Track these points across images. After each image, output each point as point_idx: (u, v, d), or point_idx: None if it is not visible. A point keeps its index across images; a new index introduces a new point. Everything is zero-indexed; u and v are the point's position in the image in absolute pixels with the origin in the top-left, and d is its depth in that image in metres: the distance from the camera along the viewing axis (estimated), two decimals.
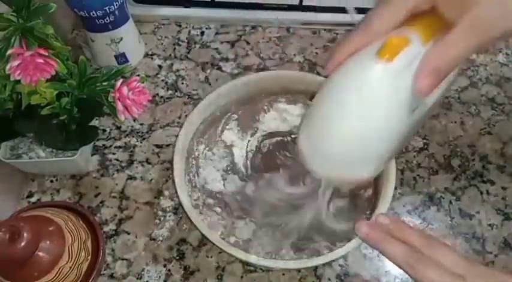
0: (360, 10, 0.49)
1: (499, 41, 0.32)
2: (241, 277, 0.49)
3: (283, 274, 0.49)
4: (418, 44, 0.32)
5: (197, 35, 0.66)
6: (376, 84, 0.32)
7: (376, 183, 0.47)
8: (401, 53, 0.31)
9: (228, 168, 0.49)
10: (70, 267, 0.44)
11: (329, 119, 0.33)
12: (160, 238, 0.51)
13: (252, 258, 0.42)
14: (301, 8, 0.65)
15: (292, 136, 0.50)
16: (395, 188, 0.44)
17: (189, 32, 0.66)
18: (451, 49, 0.31)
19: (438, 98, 0.35)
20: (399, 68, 0.31)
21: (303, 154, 0.35)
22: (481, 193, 0.54)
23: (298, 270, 0.49)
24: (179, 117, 0.59)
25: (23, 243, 0.40)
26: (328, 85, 0.34)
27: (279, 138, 0.51)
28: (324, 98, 0.34)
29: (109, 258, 0.50)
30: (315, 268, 0.49)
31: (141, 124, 0.58)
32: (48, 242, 0.43)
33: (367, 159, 0.34)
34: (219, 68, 0.63)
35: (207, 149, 0.50)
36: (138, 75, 0.61)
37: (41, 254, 0.42)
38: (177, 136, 0.47)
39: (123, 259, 0.50)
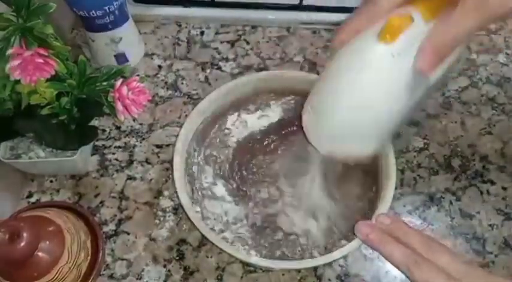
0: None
1: (503, 19, 0.32)
2: (241, 277, 0.49)
3: (283, 274, 0.49)
4: (420, 24, 0.32)
5: (197, 34, 0.66)
6: (377, 65, 0.32)
7: (377, 183, 0.47)
8: (403, 34, 0.31)
9: (228, 168, 0.49)
10: (69, 268, 0.44)
11: (332, 97, 0.34)
12: (160, 238, 0.51)
13: (252, 259, 0.42)
14: (301, 8, 0.65)
15: (289, 129, 0.50)
16: (396, 188, 0.44)
17: (189, 31, 0.66)
18: (453, 28, 0.31)
19: (441, 76, 0.35)
20: (401, 48, 0.31)
21: (307, 129, 0.36)
22: (482, 193, 0.54)
23: (298, 271, 0.49)
24: (179, 117, 0.59)
25: (22, 244, 0.40)
26: (333, 64, 0.34)
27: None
28: (328, 76, 0.35)
29: (109, 259, 0.50)
30: (315, 268, 0.49)
31: (141, 124, 0.58)
32: (47, 242, 0.43)
33: (368, 137, 0.34)
34: (219, 68, 0.63)
35: (207, 149, 0.50)
36: (138, 75, 0.61)
37: (40, 254, 0.42)
38: (177, 136, 0.47)
39: (122, 259, 0.50)
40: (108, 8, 0.53)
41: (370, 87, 0.32)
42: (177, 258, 0.50)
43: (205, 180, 0.49)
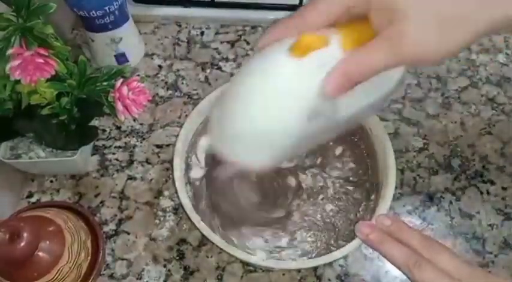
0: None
1: (431, 65, 0.32)
2: (241, 277, 0.49)
3: (283, 274, 0.49)
4: (335, 49, 0.31)
5: (197, 35, 0.66)
6: (282, 78, 0.31)
7: (377, 183, 0.47)
8: (314, 53, 0.30)
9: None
10: (70, 268, 0.44)
11: (235, 103, 0.33)
12: (160, 238, 0.51)
13: (252, 259, 0.42)
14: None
15: None
16: (396, 188, 0.44)
17: (189, 32, 0.66)
18: (367, 57, 0.30)
19: (362, 109, 0.34)
20: (309, 67, 0.30)
21: (211, 133, 0.35)
22: (481, 193, 0.54)
23: (298, 271, 0.49)
24: (179, 117, 0.59)
25: (22, 244, 0.40)
26: (243, 69, 0.34)
27: None
28: (235, 81, 0.34)
29: (109, 259, 0.50)
30: (315, 268, 0.49)
31: (141, 124, 0.58)
32: (48, 242, 0.43)
33: (262, 149, 0.33)
34: (219, 68, 0.63)
35: (207, 149, 0.50)
36: (138, 75, 0.61)
37: (40, 254, 0.42)
38: (177, 136, 0.47)
39: (123, 259, 0.50)
40: (108, 8, 0.53)
41: (272, 97, 0.31)
42: (177, 258, 0.50)
43: (206, 180, 0.49)
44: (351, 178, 0.49)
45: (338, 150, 0.50)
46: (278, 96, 0.31)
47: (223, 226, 0.46)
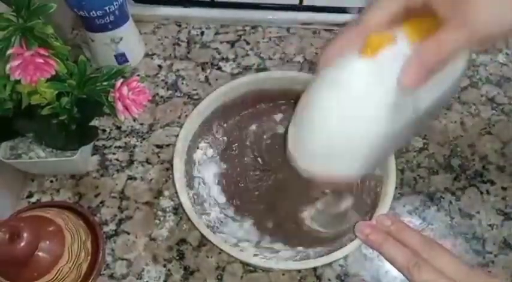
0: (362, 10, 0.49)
1: (493, 41, 0.32)
2: (241, 277, 0.49)
3: (283, 274, 0.49)
4: (404, 44, 0.32)
5: (197, 35, 0.66)
6: (358, 81, 0.31)
7: (376, 183, 0.47)
8: (385, 51, 0.31)
9: (228, 168, 0.49)
10: (70, 268, 0.44)
11: (314, 116, 0.33)
12: (160, 238, 0.51)
13: (253, 260, 0.42)
14: (301, 8, 0.65)
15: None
16: (396, 188, 0.44)
17: (189, 32, 0.66)
18: (440, 46, 0.31)
19: (436, 102, 0.34)
20: (382, 65, 0.31)
21: (290, 151, 0.35)
22: (481, 193, 0.54)
23: (298, 271, 0.49)
24: (179, 117, 0.59)
25: (22, 244, 0.40)
26: (315, 82, 0.34)
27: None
28: (310, 95, 0.34)
29: (109, 259, 0.50)
30: (315, 268, 0.49)
31: (141, 124, 0.58)
32: (48, 242, 0.43)
33: (351, 157, 0.33)
34: (219, 68, 0.63)
35: (207, 149, 0.50)
36: (138, 75, 0.61)
37: (40, 254, 0.42)
38: (177, 136, 0.47)
39: (123, 259, 0.50)
40: (108, 8, 0.53)
41: (349, 105, 0.32)
42: (177, 258, 0.50)
43: (206, 180, 0.49)
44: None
45: None
46: (359, 102, 0.31)
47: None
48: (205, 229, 0.42)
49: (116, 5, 0.54)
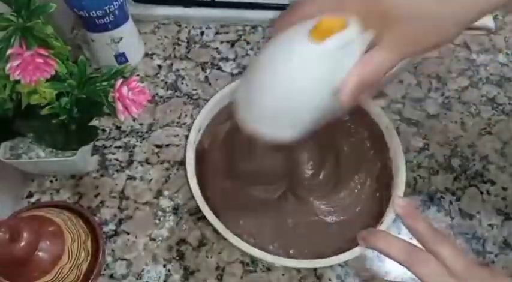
0: None
1: (429, 52, 0.35)
2: (241, 277, 0.49)
3: (283, 274, 0.49)
4: (354, 30, 0.33)
5: (197, 34, 0.66)
6: (301, 61, 0.33)
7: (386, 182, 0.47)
8: (334, 36, 0.32)
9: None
10: (70, 268, 0.44)
11: (263, 81, 0.35)
12: (160, 238, 0.51)
13: (256, 252, 0.42)
14: None
15: None
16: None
17: (189, 31, 0.66)
18: (375, 67, 0.33)
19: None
20: (329, 50, 0.32)
21: (237, 106, 0.38)
22: (481, 193, 0.54)
23: (298, 271, 0.49)
24: (179, 117, 0.59)
25: (22, 243, 0.40)
26: (267, 49, 0.36)
27: None
28: (261, 60, 0.36)
29: (109, 259, 0.50)
30: (315, 268, 0.49)
31: (141, 124, 0.58)
32: (48, 242, 0.43)
33: (287, 123, 0.36)
34: (219, 68, 0.63)
35: (217, 148, 0.50)
36: (138, 75, 0.61)
37: (40, 254, 0.42)
38: (187, 137, 0.47)
39: (123, 259, 0.50)
40: (108, 8, 0.53)
41: (291, 80, 0.34)
42: (177, 258, 0.50)
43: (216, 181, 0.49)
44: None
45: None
46: (304, 78, 0.34)
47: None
48: (209, 213, 0.43)
49: (116, 5, 0.54)
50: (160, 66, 0.63)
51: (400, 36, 0.32)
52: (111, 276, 0.49)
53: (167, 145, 0.57)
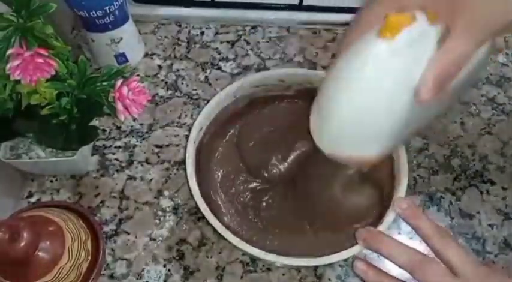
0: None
1: (504, 33, 0.33)
2: (241, 277, 0.49)
3: (283, 274, 0.49)
4: (424, 23, 0.31)
5: (197, 35, 0.66)
6: (376, 63, 0.32)
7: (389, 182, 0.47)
8: (404, 31, 0.31)
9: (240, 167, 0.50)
10: (70, 267, 0.44)
11: (334, 98, 0.34)
12: (160, 238, 0.51)
13: (255, 251, 0.42)
14: (301, 8, 0.65)
15: None
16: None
17: (189, 32, 0.66)
18: (451, 56, 0.31)
19: (459, 84, 0.34)
20: (402, 46, 0.31)
21: (313, 132, 0.36)
22: (481, 193, 0.54)
23: (298, 270, 0.49)
24: (179, 117, 0.59)
25: (22, 243, 0.40)
26: (334, 65, 0.34)
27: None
28: (330, 77, 0.35)
29: (109, 258, 0.50)
30: (315, 268, 0.49)
31: (141, 124, 0.58)
32: (48, 242, 0.43)
33: (371, 138, 0.34)
34: (219, 68, 0.63)
35: (220, 149, 0.50)
36: (138, 75, 0.61)
37: (40, 254, 0.42)
38: (187, 137, 0.47)
39: (123, 259, 0.50)
40: (108, 8, 0.53)
41: (369, 86, 0.32)
42: (177, 258, 0.50)
43: (218, 181, 0.49)
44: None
45: None
46: (379, 83, 0.32)
47: None
48: (209, 213, 0.42)
49: (116, 5, 0.54)
50: (160, 66, 0.63)
51: (473, 21, 0.30)
52: (111, 276, 0.49)
53: (167, 145, 0.57)
